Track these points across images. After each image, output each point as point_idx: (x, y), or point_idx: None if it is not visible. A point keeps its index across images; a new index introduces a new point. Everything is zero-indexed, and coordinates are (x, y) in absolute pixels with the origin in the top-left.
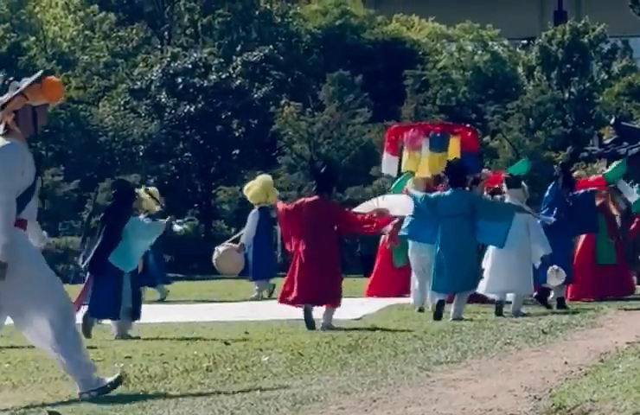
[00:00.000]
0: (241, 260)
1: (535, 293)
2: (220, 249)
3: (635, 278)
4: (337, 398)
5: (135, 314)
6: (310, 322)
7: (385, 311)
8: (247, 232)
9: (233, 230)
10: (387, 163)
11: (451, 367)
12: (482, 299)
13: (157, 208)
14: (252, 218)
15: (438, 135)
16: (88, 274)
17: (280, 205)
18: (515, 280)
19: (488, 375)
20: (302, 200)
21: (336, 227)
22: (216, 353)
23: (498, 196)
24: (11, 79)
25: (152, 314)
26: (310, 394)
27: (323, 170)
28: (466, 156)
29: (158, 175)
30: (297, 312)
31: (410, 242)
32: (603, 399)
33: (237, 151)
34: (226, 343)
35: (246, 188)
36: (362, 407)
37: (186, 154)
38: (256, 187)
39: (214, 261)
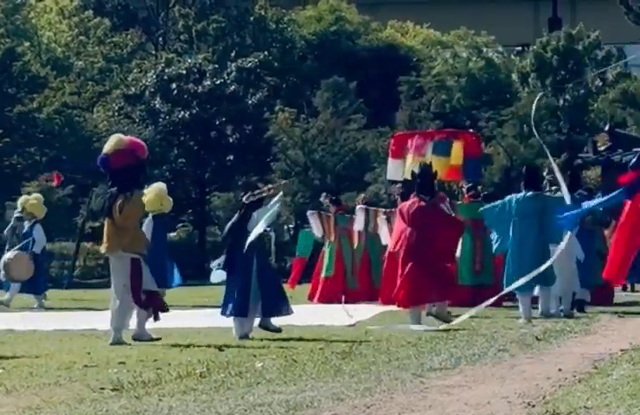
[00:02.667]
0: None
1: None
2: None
3: (629, 285)
4: (331, 404)
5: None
6: (446, 319)
7: (379, 318)
8: None
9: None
10: (393, 169)
11: (445, 374)
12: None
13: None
14: (147, 227)
15: (442, 140)
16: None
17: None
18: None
19: (482, 382)
20: (404, 204)
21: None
22: (210, 359)
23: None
24: None
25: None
26: (303, 400)
27: (419, 172)
28: (468, 160)
29: (152, 180)
30: (292, 319)
31: None
32: (597, 406)
33: (231, 157)
34: (219, 349)
35: None
36: (356, 414)
37: (180, 160)
38: (151, 195)
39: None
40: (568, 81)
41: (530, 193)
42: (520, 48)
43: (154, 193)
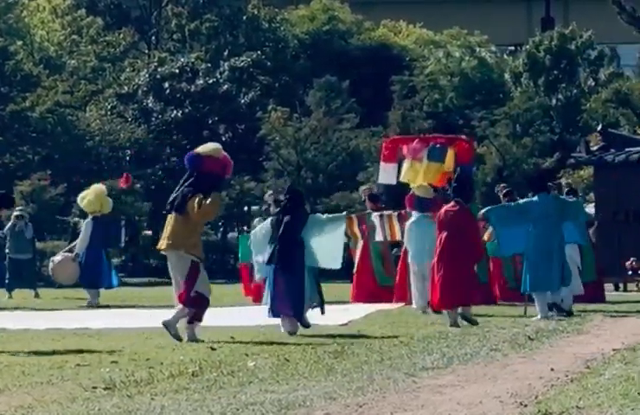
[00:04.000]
0: (77, 269)
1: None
2: (55, 259)
3: (622, 285)
4: (323, 403)
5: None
6: (472, 321)
7: (371, 317)
8: (81, 241)
9: (219, 235)
10: (384, 173)
11: (438, 373)
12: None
13: None
14: (87, 227)
15: (438, 146)
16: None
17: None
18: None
19: (474, 381)
20: (442, 208)
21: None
22: (202, 358)
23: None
24: None
25: (139, 318)
26: (296, 400)
27: (456, 177)
28: (461, 166)
29: (145, 179)
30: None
31: (411, 250)
32: (589, 405)
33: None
34: (212, 348)
35: (80, 197)
36: (348, 413)
37: (173, 158)
38: (90, 196)
39: (50, 271)
40: (561, 81)
41: (549, 195)
42: (513, 48)
43: (94, 194)
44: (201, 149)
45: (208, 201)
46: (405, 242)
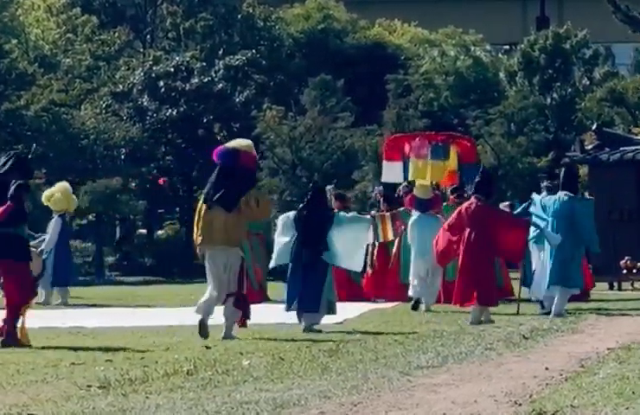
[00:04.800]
0: (40, 265)
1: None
2: None
3: (616, 284)
4: (318, 402)
5: (331, 309)
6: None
7: (366, 316)
8: (50, 239)
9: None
10: (388, 171)
11: (432, 372)
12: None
13: None
14: (55, 225)
15: (440, 144)
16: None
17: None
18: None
19: (468, 380)
20: (463, 204)
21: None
22: (197, 357)
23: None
24: None
25: (134, 317)
26: (290, 398)
27: (479, 173)
28: (467, 166)
29: (140, 178)
30: (281, 317)
31: (414, 246)
32: (583, 404)
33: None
34: (206, 347)
35: (45, 196)
36: (343, 411)
37: (168, 157)
38: (57, 195)
39: None
40: (556, 80)
41: (566, 194)
42: (507, 47)
43: (60, 192)
44: (234, 143)
45: (264, 198)
46: (408, 239)
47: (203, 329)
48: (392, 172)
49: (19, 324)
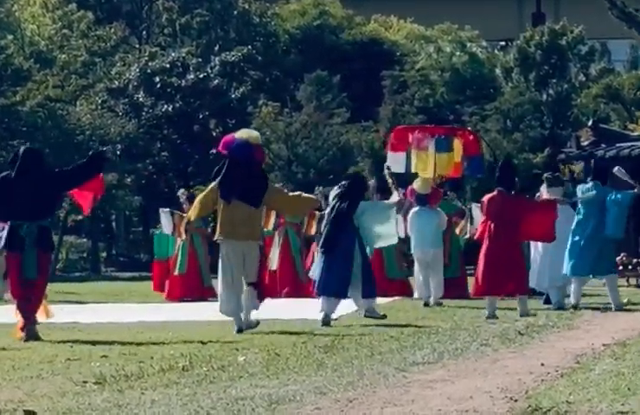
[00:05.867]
0: (3, 264)
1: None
2: None
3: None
4: (313, 398)
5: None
6: (525, 313)
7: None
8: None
9: (209, 230)
10: (393, 160)
11: (428, 368)
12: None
13: None
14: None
15: (443, 137)
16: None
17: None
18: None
19: (464, 376)
20: (487, 196)
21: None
22: (192, 352)
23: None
24: None
25: (129, 313)
26: (286, 394)
27: (500, 165)
28: (471, 158)
29: (135, 174)
30: (276, 312)
31: (413, 238)
32: (579, 400)
33: (214, 151)
34: (202, 343)
35: None
36: (339, 408)
37: (163, 153)
38: None
39: None
40: (552, 76)
41: (593, 184)
42: (503, 43)
43: None
44: (248, 136)
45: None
46: (408, 231)
47: (253, 326)
48: (395, 163)
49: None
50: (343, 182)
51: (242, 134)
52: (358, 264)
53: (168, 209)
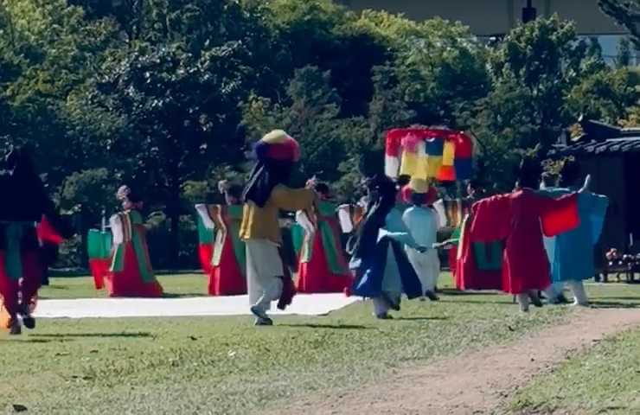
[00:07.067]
0: None
1: None
2: None
3: (602, 276)
4: (303, 393)
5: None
6: (538, 302)
7: (352, 307)
8: None
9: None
10: (389, 166)
11: (418, 364)
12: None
13: None
14: None
15: (434, 139)
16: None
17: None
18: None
19: (454, 372)
20: (509, 194)
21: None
22: (182, 348)
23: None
24: None
25: (118, 308)
26: (276, 390)
27: (522, 166)
28: (460, 161)
29: (125, 169)
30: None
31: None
32: (569, 396)
33: (205, 146)
34: (192, 338)
35: None
36: (329, 403)
37: (153, 148)
38: None
39: None
40: (542, 71)
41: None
42: (494, 38)
43: None
44: (266, 137)
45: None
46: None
47: (262, 316)
48: (390, 167)
49: None
50: (374, 190)
51: (267, 136)
52: (392, 264)
53: (203, 204)
